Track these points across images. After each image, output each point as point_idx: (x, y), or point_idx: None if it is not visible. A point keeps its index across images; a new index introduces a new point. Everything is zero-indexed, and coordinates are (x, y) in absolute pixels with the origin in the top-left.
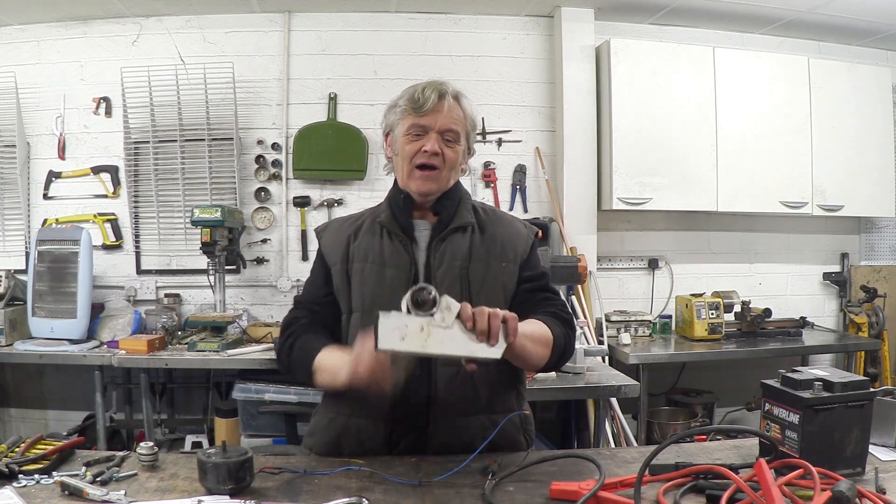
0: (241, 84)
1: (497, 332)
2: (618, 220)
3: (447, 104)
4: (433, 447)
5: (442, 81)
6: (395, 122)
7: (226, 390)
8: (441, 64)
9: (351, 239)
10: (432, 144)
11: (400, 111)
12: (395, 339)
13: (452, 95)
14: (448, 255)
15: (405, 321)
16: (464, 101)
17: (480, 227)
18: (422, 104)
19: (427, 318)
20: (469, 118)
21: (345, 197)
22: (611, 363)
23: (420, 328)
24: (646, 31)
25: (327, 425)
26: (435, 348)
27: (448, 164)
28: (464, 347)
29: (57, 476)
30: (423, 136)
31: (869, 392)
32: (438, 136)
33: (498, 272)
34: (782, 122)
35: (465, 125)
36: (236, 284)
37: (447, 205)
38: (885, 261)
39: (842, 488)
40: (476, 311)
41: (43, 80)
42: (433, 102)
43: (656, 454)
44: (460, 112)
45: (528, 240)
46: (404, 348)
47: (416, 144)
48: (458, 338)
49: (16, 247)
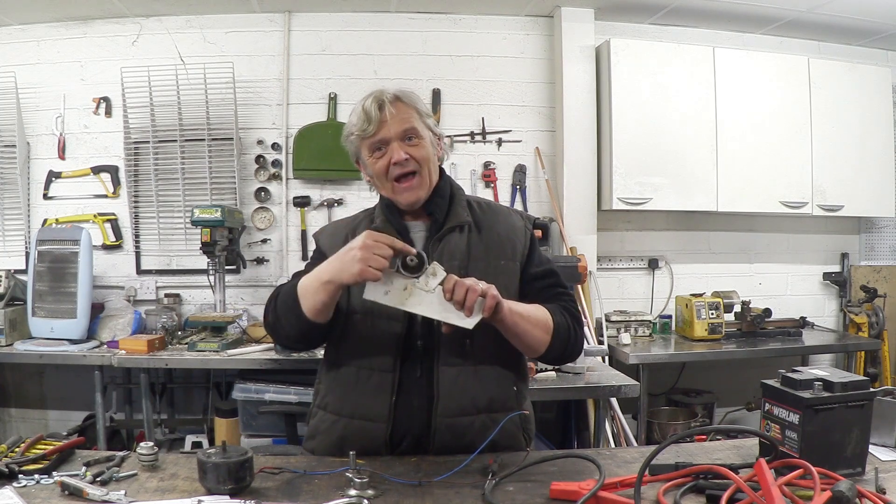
0: (241, 84)
1: (472, 305)
2: (618, 220)
3: (389, 112)
4: (435, 447)
5: (378, 91)
6: (356, 150)
7: (226, 390)
8: (441, 64)
9: (348, 237)
10: (397, 153)
11: (355, 139)
12: (380, 293)
13: (390, 101)
14: (446, 255)
15: (392, 278)
16: (405, 97)
17: (477, 225)
18: (367, 125)
19: (412, 280)
20: (416, 109)
21: (345, 197)
22: (611, 363)
23: (403, 287)
24: (646, 31)
25: (329, 428)
26: (413, 307)
27: (422, 162)
28: (439, 312)
29: (57, 476)
30: (386, 149)
31: (869, 392)
32: (399, 143)
33: (498, 271)
34: (782, 122)
35: (418, 117)
36: (236, 284)
37: (439, 203)
38: (885, 261)
39: (842, 488)
40: (456, 283)
41: (43, 80)
42: (377, 118)
43: (656, 454)
44: (406, 109)
45: (526, 232)
46: (386, 302)
47: (384, 160)
48: (435, 302)
49: (16, 247)
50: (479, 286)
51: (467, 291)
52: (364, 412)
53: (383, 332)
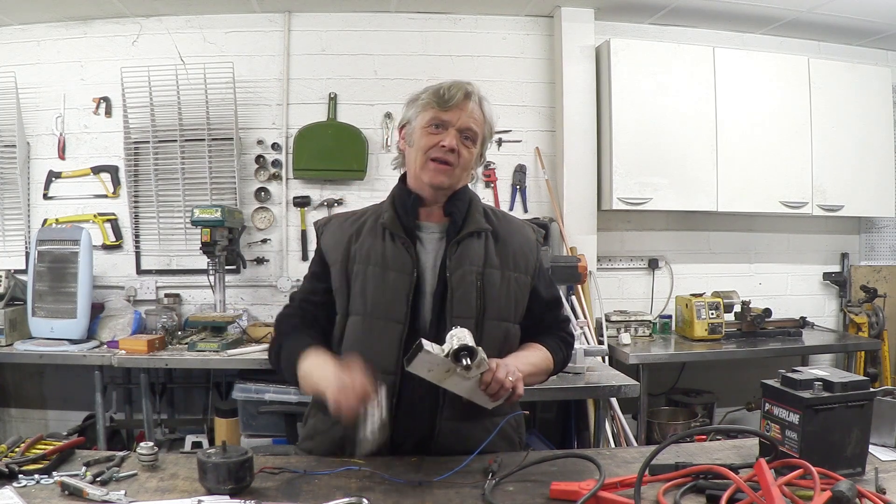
0: (241, 84)
1: (501, 399)
2: (618, 220)
3: (471, 104)
4: (436, 450)
5: (468, 82)
6: (414, 114)
7: (226, 390)
8: (441, 64)
9: (353, 239)
10: (451, 140)
11: (422, 104)
12: (423, 370)
13: (476, 99)
14: (466, 259)
15: (439, 362)
16: (486, 106)
17: (495, 234)
18: (447, 99)
19: (457, 367)
20: (488, 122)
21: (345, 197)
22: (611, 363)
23: (447, 370)
24: (646, 31)
25: (329, 429)
26: (448, 385)
27: (462, 164)
28: (469, 393)
29: (57, 476)
30: (443, 132)
31: (869, 392)
32: (457, 134)
33: (511, 282)
34: (782, 122)
35: (484, 129)
36: (236, 284)
37: (458, 206)
38: (885, 261)
39: (842, 488)
40: (494, 380)
41: (43, 80)
42: (458, 100)
43: (656, 454)
44: (481, 114)
45: (537, 248)
46: (427, 378)
47: (435, 138)
48: (470, 386)
49: (16, 247)
50: (510, 380)
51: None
52: None
53: (384, 335)
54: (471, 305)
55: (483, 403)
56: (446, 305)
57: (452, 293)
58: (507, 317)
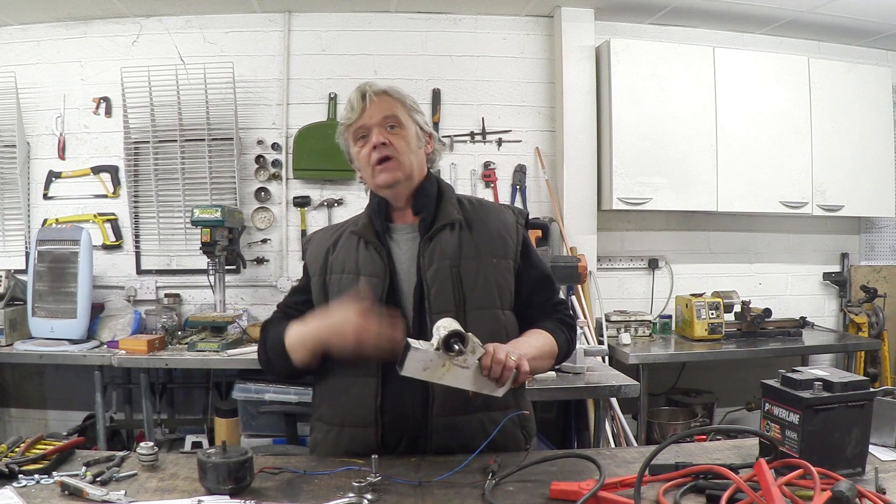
0: (241, 84)
1: (507, 380)
2: (618, 220)
3: (374, 97)
4: (433, 447)
5: (365, 83)
6: (344, 142)
7: (226, 390)
8: (441, 64)
9: (330, 250)
10: (376, 137)
11: (342, 129)
12: (418, 370)
13: (375, 92)
14: (437, 253)
15: (431, 356)
16: (391, 90)
17: (468, 223)
18: (354, 109)
19: (450, 357)
20: (402, 100)
21: (345, 197)
22: (611, 363)
23: (442, 364)
24: (646, 31)
25: (325, 438)
26: (450, 381)
27: (400, 150)
28: (474, 384)
29: (57, 476)
30: (368, 136)
31: (869, 392)
32: (380, 129)
33: (490, 269)
34: (782, 122)
35: (403, 108)
36: (236, 284)
37: (425, 202)
38: (885, 261)
39: (842, 488)
40: (493, 360)
41: (43, 80)
42: (359, 106)
43: (656, 454)
44: (389, 100)
45: (517, 228)
46: (424, 377)
47: (367, 147)
48: (471, 376)
49: (16, 247)
50: (512, 359)
51: (503, 369)
52: (353, 419)
53: None
54: (449, 298)
55: (491, 392)
56: (425, 302)
57: (429, 289)
58: (490, 304)
